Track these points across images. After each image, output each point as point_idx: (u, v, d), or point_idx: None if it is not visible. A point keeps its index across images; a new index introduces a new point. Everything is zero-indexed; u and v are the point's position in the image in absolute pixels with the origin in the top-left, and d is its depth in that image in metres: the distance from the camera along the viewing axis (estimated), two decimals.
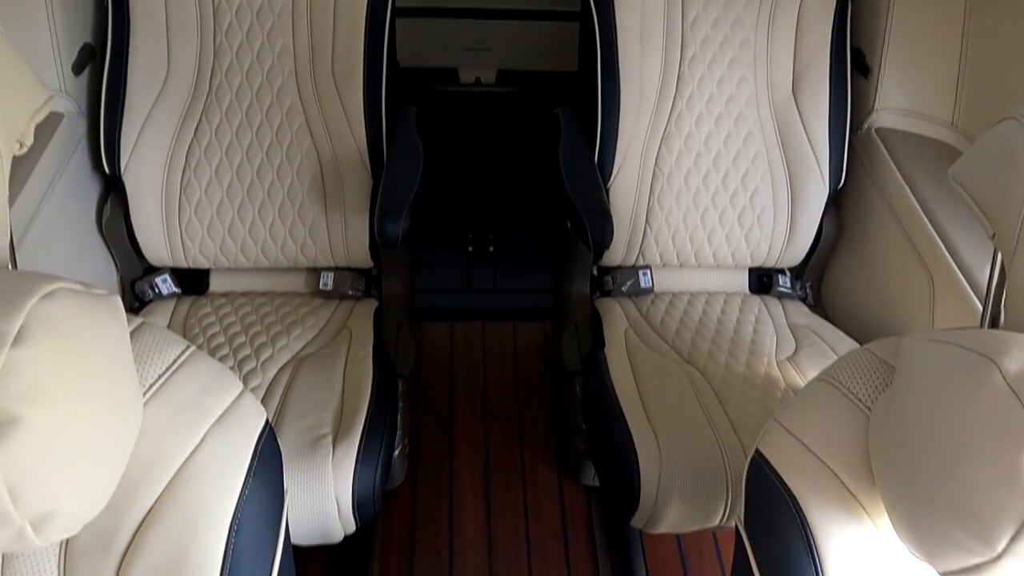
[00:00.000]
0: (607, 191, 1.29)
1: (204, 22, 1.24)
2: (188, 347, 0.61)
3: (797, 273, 1.43)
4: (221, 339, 1.20)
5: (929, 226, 1.17)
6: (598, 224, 1.10)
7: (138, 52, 1.22)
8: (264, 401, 1.08)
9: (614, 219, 1.29)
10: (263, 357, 1.16)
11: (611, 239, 1.11)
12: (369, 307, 1.30)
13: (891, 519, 0.57)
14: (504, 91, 2.09)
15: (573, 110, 1.36)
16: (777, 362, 1.22)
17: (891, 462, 0.55)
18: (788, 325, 1.32)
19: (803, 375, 1.19)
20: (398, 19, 1.95)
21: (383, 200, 1.11)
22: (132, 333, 0.60)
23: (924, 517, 0.51)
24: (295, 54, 1.25)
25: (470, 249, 1.82)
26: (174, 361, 0.59)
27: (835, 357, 1.27)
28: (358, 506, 1.01)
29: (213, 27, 1.24)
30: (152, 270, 1.32)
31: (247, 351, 1.18)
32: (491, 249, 1.82)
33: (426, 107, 2.16)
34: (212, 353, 1.16)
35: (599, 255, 1.33)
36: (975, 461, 0.47)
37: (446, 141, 2.14)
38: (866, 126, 1.32)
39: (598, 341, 1.26)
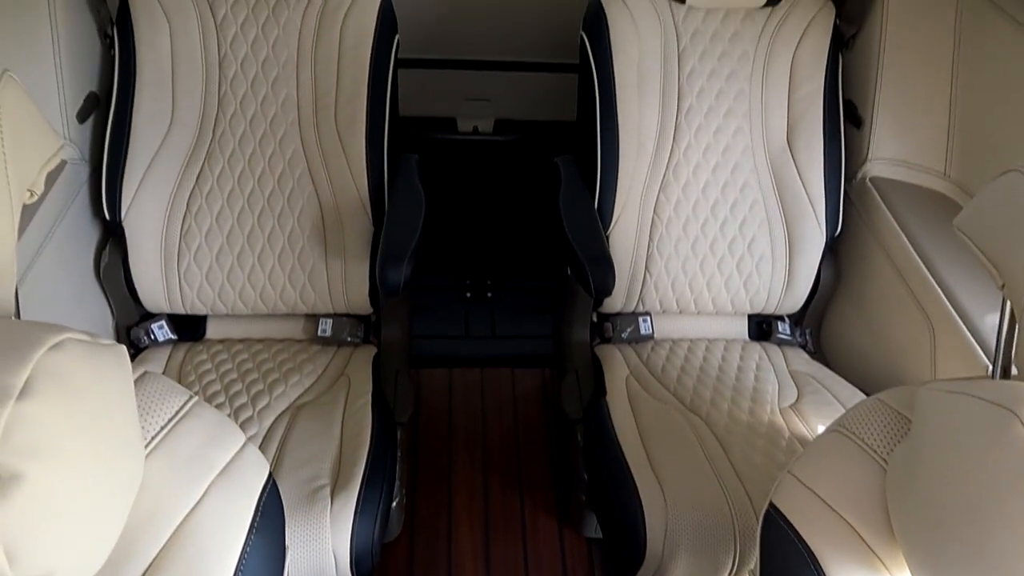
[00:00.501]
0: (607, 238, 1.30)
1: (209, 72, 1.26)
2: (190, 397, 0.60)
3: (796, 320, 1.43)
4: (217, 387, 1.18)
5: (927, 273, 1.18)
6: (601, 272, 1.10)
7: (143, 101, 1.23)
8: (261, 450, 1.06)
9: (616, 267, 1.30)
10: (260, 405, 1.14)
11: (613, 286, 1.12)
12: (368, 354, 1.29)
13: (912, 574, 0.56)
14: (502, 140, 2.13)
15: (572, 159, 1.38)
16: (780, 410, 1.21)
17: (912, 515, 0.54)
18: (789, 372, 1.31)
19: (807, 423, 1.18)
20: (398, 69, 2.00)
21: (385, 247, 1.11)
22: (135, 383, 0.59)
23: (947, 570, 0.50)
24: (299, 103, 1.27)
25: (468, 295, 1.81)
26: (177, 412, 0.58)
27: (838, 404, 1.27)
28: (356, 561, 0.98)
29: (218, 77, 1.26)
30: (148, 316, 1.30)
31: (243, 399, 1.16)
32: (489, 295, 1.82)
33: (425, 155, 2.20)
34: (208, 401, 1.14)
35: (600, 302, 1.33)
36: (999, 514, 0.46)
37: (445, 189, 2.16)
38: (860, 175, 1.35)
39: (599, 388, 1.25)
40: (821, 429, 1.19)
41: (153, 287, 1.25)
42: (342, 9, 1.26)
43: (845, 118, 1.33)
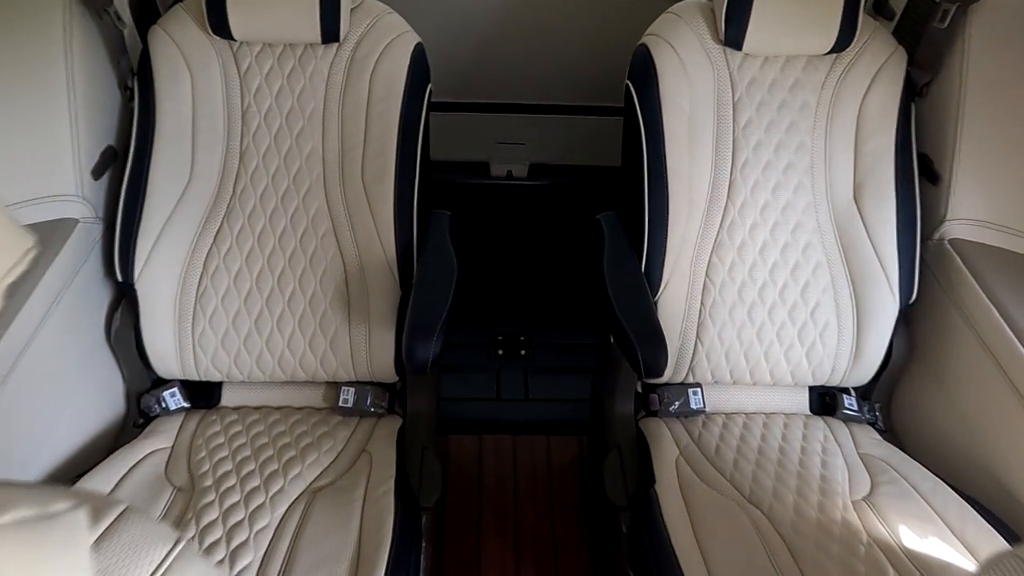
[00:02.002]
0: (654, 305, 1.19)
1: (232, 125, 1.19)
2: (175, 544, 0.50)
3: (864, 393, 1.29)
4: (229, 466, 1.09)
5: (1018, 344, 1.04)
6: (652, 352, 0.99)
7: (161, 155, 1.16)
8: (272, 547, 0.96)
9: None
10: (273, 490, 1.04)
11: (665, 366, 1.00)
12: (392, 426, 1.19)
13: None
14: (537, 185, 2.04)
15: (616, 216, 1.27)
16: (853, 503, 1.07)
17: None
18: (859, 455, 1.17)
19: (885, 521, 1.04)
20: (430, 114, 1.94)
21: (412, 320, 1.01)
22: (112, 524, 0.49)
23: None
24: (324, 157, 1.19)
25: (500, 352, 1.70)
26: (158, 566, 0.48)
27: (918, 497, 1.12)
28: None
29: (241, 130, 1.19)
30: (161, 382, 1.22)
31: (256, 481, 1.06)
32: (523, 352, 1.71)
33: (457, 201, 2.12)
34: (218, 484, 1.05)
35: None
36: None
37: (476, 236, 2.07)
38: (938, 236, 1.22)
39: (646, 472, 1.13)
40: (903, 530, 1.06)
41: (165, 353, 1.17)
42: (372, 57, 1.18)
43: (920, 174, 1.21)
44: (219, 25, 1.14)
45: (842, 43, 1.16)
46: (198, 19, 1.17)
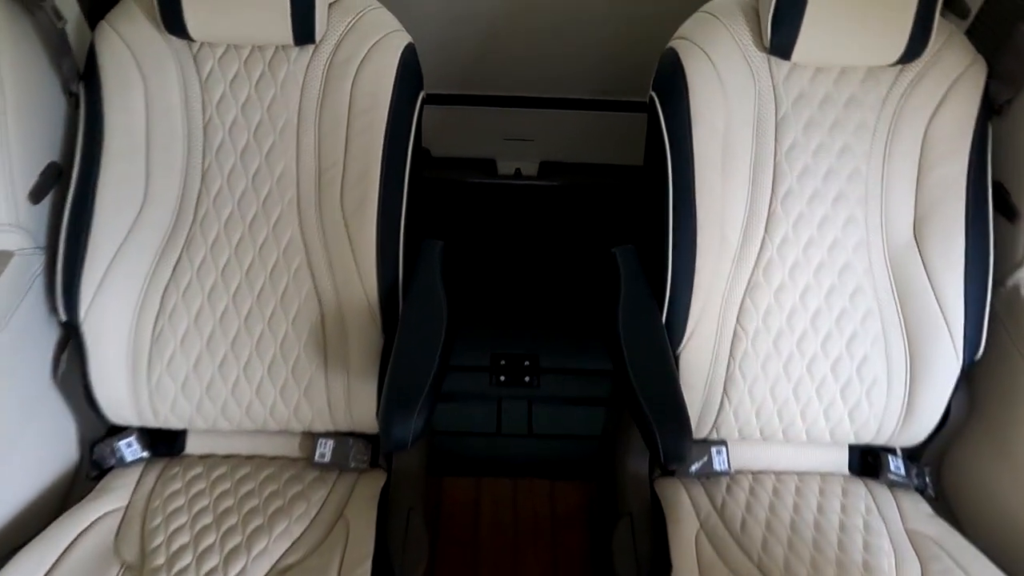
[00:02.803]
0: (676, 357, 1.03)
1: (192, 140, 1.03)
2: None
3: (912, 453, 1.14)
4: (186, 537, 0.96)
5: None
6: (675, 441, 0.83)
7: (111, 174, 1.01)
8: None
9: (684, 390, 1.03)
10: (233, 572, 0.91)
11: (689, 455, 0.85)
12: (375, 483, 1.05)
13: None
14: (547, 185, 1.87)
15: (633, 250, 1.11)
16: None
17: None
18: (907, 532, 1.02)
19: None
20: (431, 106, 1.77)
21: (390, 392, 0.86)
22: None
23: None
24: (298, 179, 1.03)
25: (502, 378, 1.56)
26: None
27: None
28: None
29: (203, 145, 1.03)
30: (118, 428, 1.09)
31: (214, 560, 0.93)
32: (527, 379, 1.56)
33: (458, 202, 1.95)
34: (172, 562, 0.92)
35: None
36: None
37: (479, 242, 1.91)
38: (1012, 283, 1.04)
39: (660, 545, 0.99)
40: None
41: (118, 400, 1.03)
42: (354, 61, 1.01)
43: (994, 208, 1.03)
44: (174, 23, 0.98)
45: (912, 52, 0.97)
46: (151, 14, 1.00)
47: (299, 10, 0.96)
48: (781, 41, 0.97)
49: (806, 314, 1.04)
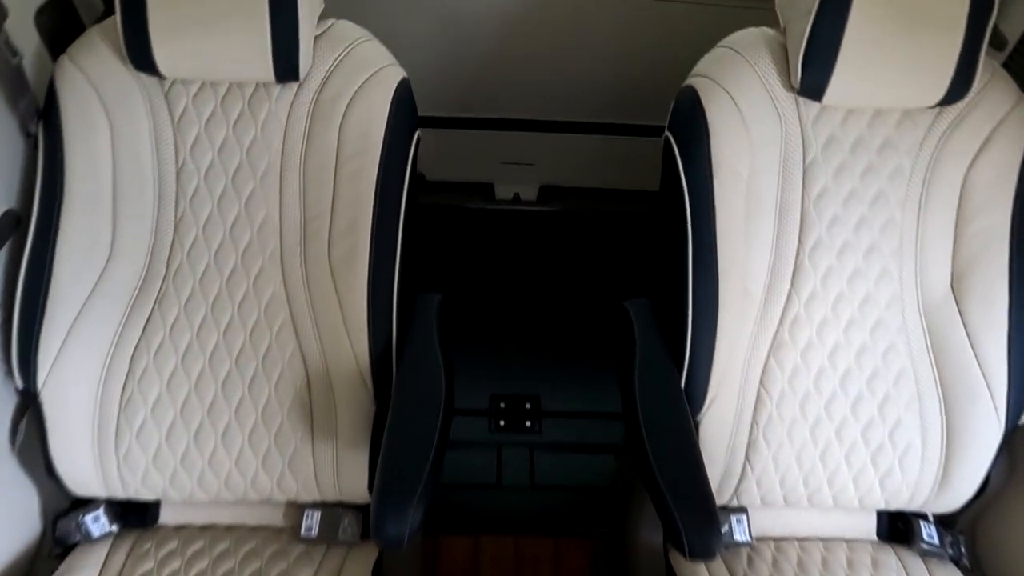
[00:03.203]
0: (696, 424, 0.95)
1: (164, 186, 0.93)
2: None
3: (945, 519, 1.06)
4: None
5: None
6: (702, 538, 0.75)
7: (72, 225, 0.91)
8: None
9: (704, 457, 0.95)
10: None
11: (717, 551, 0.77)
12: (366, 558, 0.96)
13: None
14: (547, 210, 1.78)
15: (648, 305, 1.02)
16: None
17: None
18: None
19: None
20: (426, 130, 1.68)
21: (383, 482, 0.77)
22: None
23: None
24: (281, 229, 0.94)
25: (502, 423, 1.47)
26: None
27: None
28: None
29: (175, 192, 0.93)
30: (85, 500, 1.00)
31: None
32: (528, 424, 1.48)
33: (453, 229, 1.86)
34: None
35: None
36: None
37: (475, 272, 1.82)
38: None
39: None
40: None
41: (82, 472, 0.94)
42: (343, 100, 0.92)
43: None
44: (141, 59, 0.88)
45: (955, 94, 0.89)
46: (117, 47, 0.90)
47: (281, 45, 0.87)
48: (812, 82, 0.88)
49: (835, 375, 0.96)
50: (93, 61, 0.91)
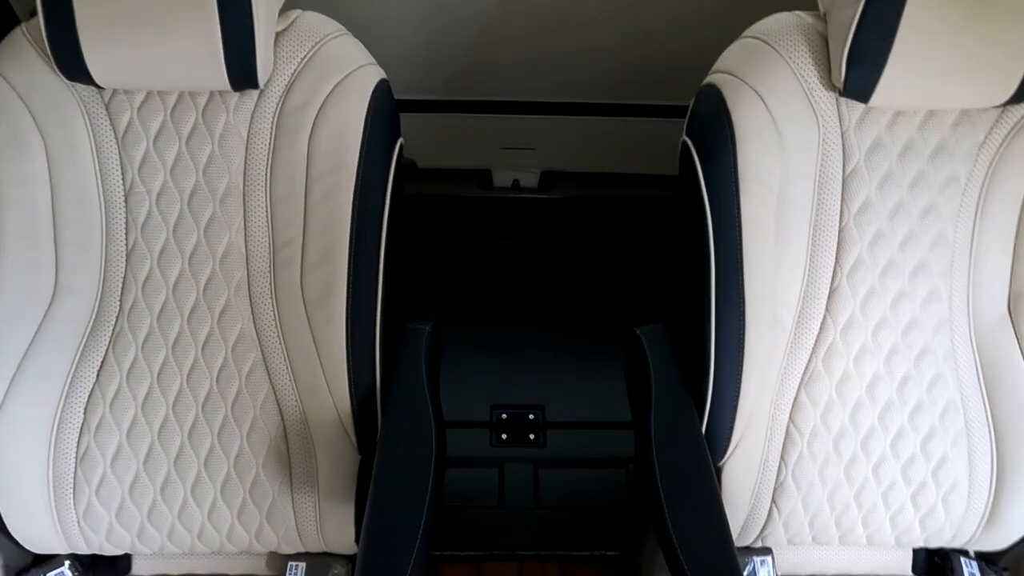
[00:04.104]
0: (719, 470, 0.85)
1: (111, 212, 0.82)
2: None
3: (988, 555, 0.97)
4: None
5: None
6: None
7: (8, 261, 0.79)
8: None
9: (726, 502, 0.85)
10: None
11: None
12: None
13: None
14: (549, 198, 1.66)
15: (663, 331, 0.91)
16: None
17: None
18: None
19: None
20: (418, 114, 1.54)
21: (367, 559, 0.68)
22: None
23: None
24: (248, 258, 0.82)
25: (504, 436, 1.38)
26: None
27: None
28: None
29: (125, 219, 0.82)
30: (48, 555, 0.92)
31: None
32: (532, 437, 1.38)
33: (447, 221, 1.74)
34: None
35: None
36: None
37: (472, 269, 1.71)
38: None
39: None
40: None
41: (39, 531, 0.85)
42: (311, 108, 0.79)
43: None
44: (71, 66, 0.75)
45: None
46: (48, 54, 0.78)
47: (234, 48, 0.74)
48: (858, 81, 0.75)
49: (874, 409, 0.86)
50: (19, 68, 0.79)
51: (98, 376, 0.83)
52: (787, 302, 0.84)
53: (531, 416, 1.39)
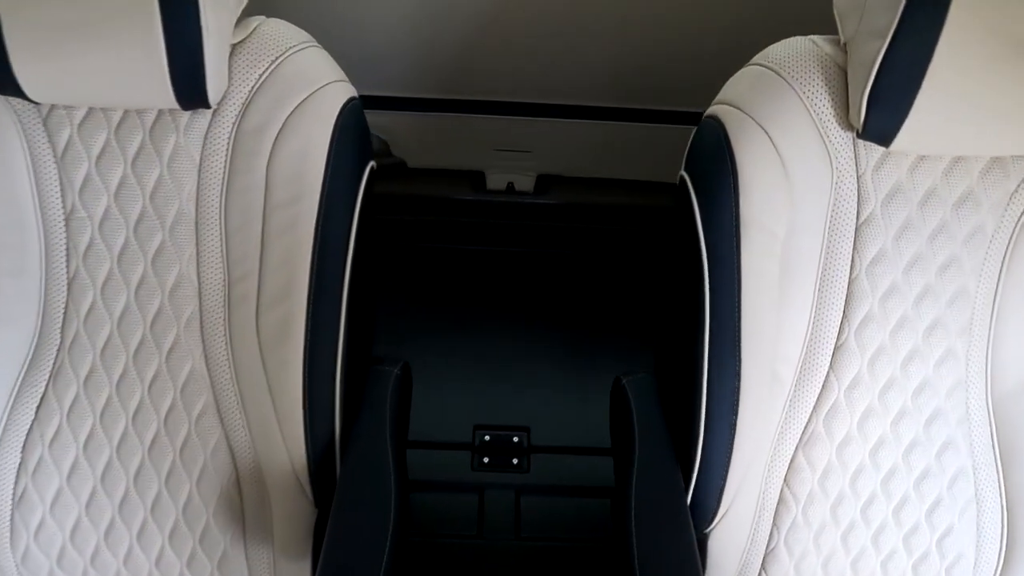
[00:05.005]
0: (704, 538, 0.79)
1: (50, 238, 0.75)
2: None
3: None
4: None
5: None
6: None
7: None
8: None
9: (712, 568, 0.79)
10: None
11: None
12: None
13: None
14: (545, 203, 1.58)
15: (650, 381, 0.84)
16: None
17: None
18: None
19: None
20: (407, 113, 1.45)
21: None
22: None
23: None
24: (200, 291, 0.75)
25: (486, 460, 1.32)
26: None
27: None
28: None
29: (65, 246, 0.75)
30: None
31: None
32: (515, 462, 1.32)
33: (435, 226, 1.66)
34: None
35: None
36: None
37: (461, 273, 1.63)
38: None
39: None
40: None
41: None
42: (270, 130, 0.71)
43: None
44: (1, 79, 0.68)
45: None
46: None
47: (180, 64, 0.66)
48: (879, 124, 0.67)
49: (877, 475, 0.79)
50: None
51: (37, 414, 0.77)
52: (788, 358, 0.76)
53: (515, 439, 1.33)
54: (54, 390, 0.77)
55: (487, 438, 1.32)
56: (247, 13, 0.76)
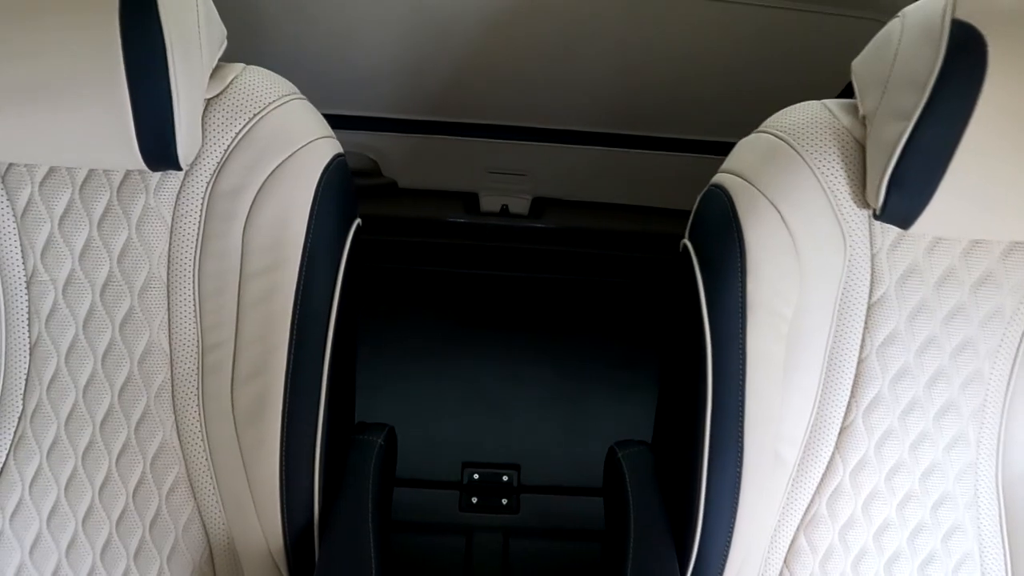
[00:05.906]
0: None
1: (11, 302, 0.70)
2: None
3: None
4: None
5: None
6: None
7: None
8: None
9: None
10: None
11: None
12: None
13: None
14: (540, 227, 1.53)
15: (648, 454, 0.80)
16: None
17: None
18: None
19: None
20: (399, 135, 1.40)
21: None
22: None
23: None
24: (172, 360, 0.71)
25: (474, 500, 1.28)
26: None
27: None
28: None
29: (26, 312, 0.70)
30: None
31: None
32: (505, 502, 1.29)
33: (427, 246, 1.61)
34: None
35: None
36: None
37: (452, 298, 1.59)
38: None
39: None
40: None
41: None
42: (246, 193, 0.66)
43: None
44: None
45: None
46: None
47: (148, 124, 0.61)
48: (898, 208, 0.63)
49: (880, 558, 0.76)
50: None
51: None
52: (792, 439, 0.73)
53: (505, 478, 1.29)
54: (15, 461, 0.72)
55: (476, 476, 1.28)
56: (237, 36, 0.71)
